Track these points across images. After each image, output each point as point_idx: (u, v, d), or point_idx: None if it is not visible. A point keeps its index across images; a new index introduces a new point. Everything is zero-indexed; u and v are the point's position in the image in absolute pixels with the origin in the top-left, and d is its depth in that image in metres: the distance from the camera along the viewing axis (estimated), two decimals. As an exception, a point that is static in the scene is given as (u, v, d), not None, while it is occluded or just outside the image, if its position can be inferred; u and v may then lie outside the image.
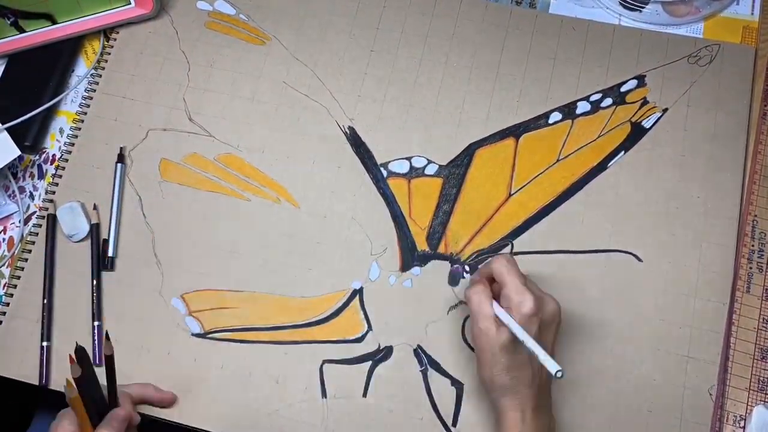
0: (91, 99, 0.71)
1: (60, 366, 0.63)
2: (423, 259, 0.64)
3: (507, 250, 0.64)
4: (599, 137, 0.66)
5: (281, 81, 0.70)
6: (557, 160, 0.66)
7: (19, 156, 0.68)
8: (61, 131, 0.71)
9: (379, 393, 0.60)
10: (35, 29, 0.71)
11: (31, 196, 0.69)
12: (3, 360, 0.63)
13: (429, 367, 0.61)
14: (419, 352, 0.61)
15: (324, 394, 0.61)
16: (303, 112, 0.69)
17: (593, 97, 0.67)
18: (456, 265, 0.64)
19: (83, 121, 0.70)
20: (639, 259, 0.62)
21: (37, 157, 0.71)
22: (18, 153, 0.68)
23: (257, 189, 0.67)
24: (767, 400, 0.58)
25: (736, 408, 0.58)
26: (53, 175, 0.69)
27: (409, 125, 0.68)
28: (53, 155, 0.70)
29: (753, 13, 0.70)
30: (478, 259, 0.64)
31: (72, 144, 0.69)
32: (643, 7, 0.70)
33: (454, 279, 0.63)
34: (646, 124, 0.66)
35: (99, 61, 0.72)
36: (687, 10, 0.70)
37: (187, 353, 0.62)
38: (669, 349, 0.60)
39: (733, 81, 0.67)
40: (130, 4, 0.72)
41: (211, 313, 0.63)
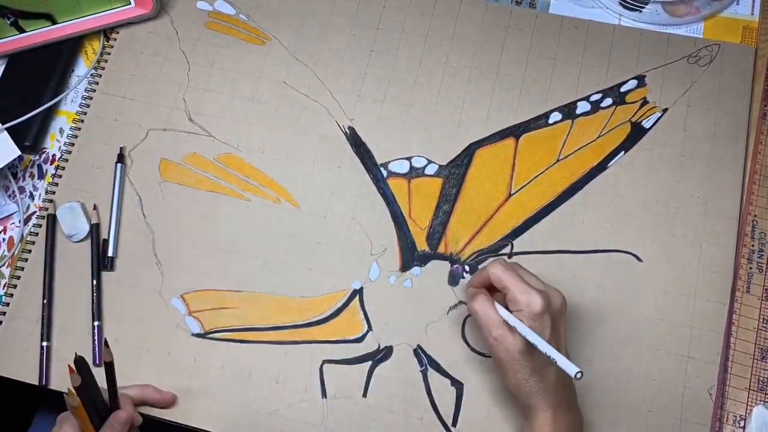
0: (91, 99, 0.71)
1: (60, 366, 0.63)
2: (423, 259, 0.64)
3: (507, 250, 0.64)
4: (599, 137, 0.66)
5: (281, 81, 0.70)
6: (557, 160, 0.66)
7: (19, 156, 0.68)
8: (61, 131, 0.71)
9: (379, 393, 0.60)
10: (35, 29, 0.71)
11: (31, 196, 0.69)
12: (3, 360, 0.63)
13: (429, 367, 0.61)
14: (419, 352, 0.61)
15: (324, 394, 0.60)
16: (303, 112, 0.69)
17: (593, 97, 0.67)
18: (456, 265, 0.64)
19: (83, 121, 0.70)
20: (639, 259, 0.62)
21: (37, 157, 0.71)
22: (18, 153, 0.68)
23: (257, 189, 0.67)
24: (767, 400, 0.58)
25: (735, 408, 0.58)
26: (53, 175, 0.69)
27: (409, 125, 0.68)
28: (53, 155, 0.70)
29: (753, 13, 0.70)
30: (478, 259, 0.63)
31: (72, 144, 0.69)
32: (643, 7, 0.70)
33: (454, 279, 0.63)
34: (646, 124, 0.66)
35: (99, 61, 0.72)
36: (687, 10, 0.70)
37: (187, 353, 0.62)
38: (669, 349, 0.60)
39: (733, 81, 0.67)
40: (130, 4, 0.72)
41: (211, 313, 0.63)
